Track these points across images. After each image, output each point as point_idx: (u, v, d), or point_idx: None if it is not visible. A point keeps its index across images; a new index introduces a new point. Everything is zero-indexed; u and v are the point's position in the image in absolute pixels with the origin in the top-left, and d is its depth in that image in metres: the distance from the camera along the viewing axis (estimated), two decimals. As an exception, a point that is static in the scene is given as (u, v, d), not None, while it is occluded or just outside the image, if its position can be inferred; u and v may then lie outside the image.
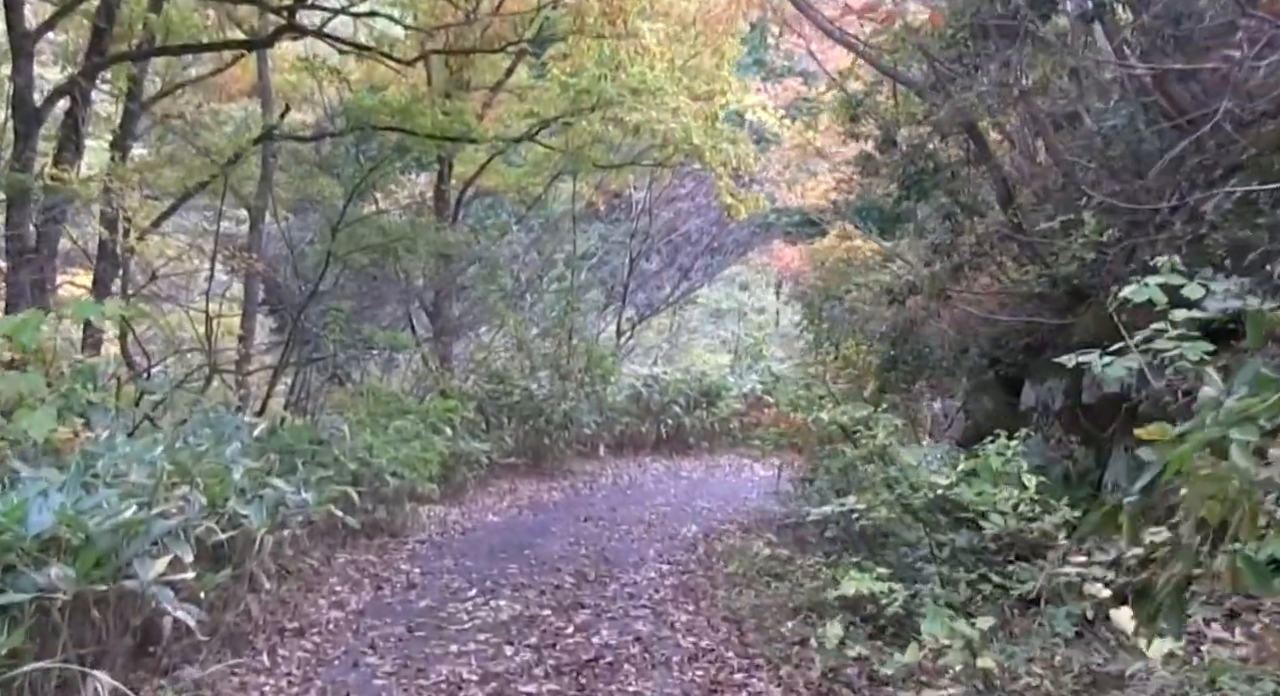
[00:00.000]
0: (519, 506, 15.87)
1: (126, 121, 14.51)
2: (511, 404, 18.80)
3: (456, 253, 18.94)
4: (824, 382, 11.98)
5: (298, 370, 17.75)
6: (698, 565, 11.67)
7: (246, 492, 8.60)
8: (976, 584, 6.96)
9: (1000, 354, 10.21)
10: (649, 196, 24.45)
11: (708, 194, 25.64)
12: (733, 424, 22.46)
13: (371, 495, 12.59)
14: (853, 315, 12.65)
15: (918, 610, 6.86)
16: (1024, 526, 6.31)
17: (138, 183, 15.74)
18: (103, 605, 6.18)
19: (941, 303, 10.79)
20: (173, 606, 6.06)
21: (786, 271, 30.16)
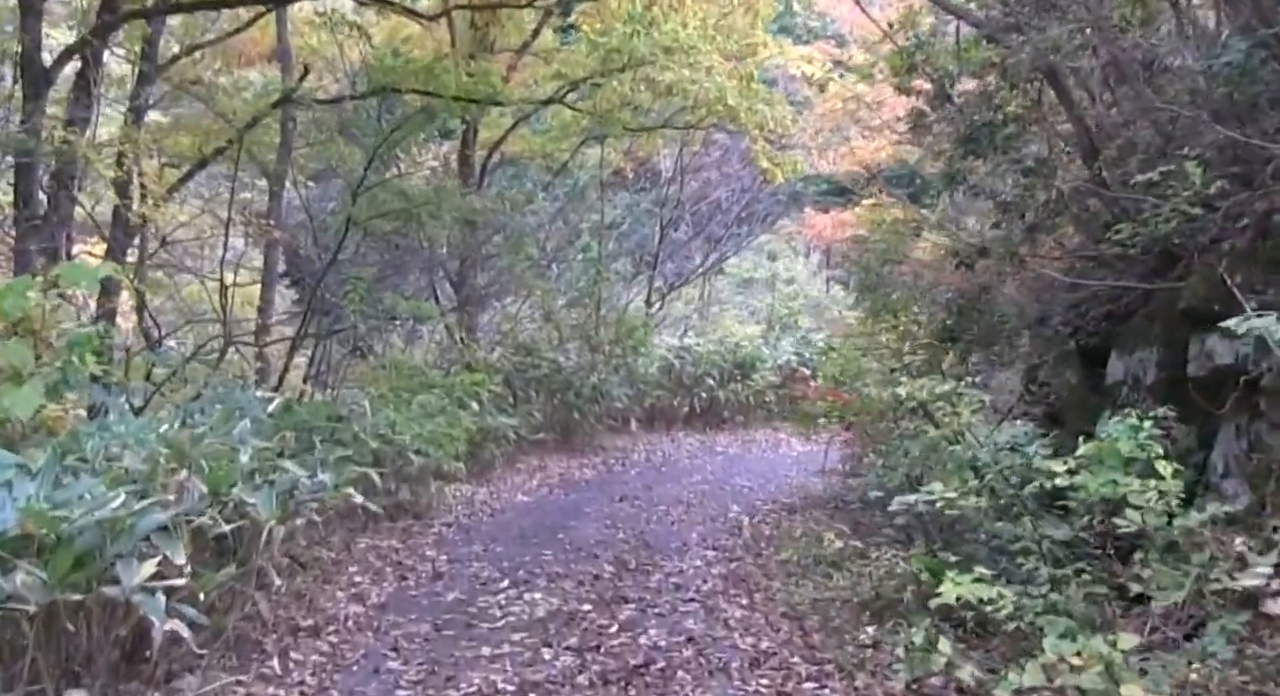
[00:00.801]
0: (549, 485, 14.93)
1: (140, 85, 13.65)
2: (539, 377, 17.84)
3: (482, 219, 17.94)
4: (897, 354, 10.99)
5: (317, 342, 16.84)
6: (745, 551, 10.71)
7: (256, 477, 7.67)
8: (1090, 586, 5.96)
9: (1080, 322, 9.18)
10: (679, 162, 23.34)
11: (740, 160, 24.62)
12: (768, 397, 21.49)
13: (394, 475, 11.68)
14: (916, 281, 11.60)
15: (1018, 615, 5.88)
16: (1165, 524, 5.29)
17: (153, 148, 14.92)
18: (82, 614, 5.25)
19: (1015, 266, 9.76)
20: (159, 618, 5.11)
21: (819, 240, 29.16)
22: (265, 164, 16.17)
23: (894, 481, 9.31)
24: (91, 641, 5.40)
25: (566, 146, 21.50)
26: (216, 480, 6.75)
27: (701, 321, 26.57)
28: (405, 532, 11.34)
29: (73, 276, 7.66)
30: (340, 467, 9.58)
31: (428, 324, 19.64)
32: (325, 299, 16.55)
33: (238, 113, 14.78)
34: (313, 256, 18.00)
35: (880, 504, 9.02)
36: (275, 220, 15.56)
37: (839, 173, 27.76)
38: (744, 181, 25.74)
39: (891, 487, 9.08)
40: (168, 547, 5.53)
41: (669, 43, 16.69)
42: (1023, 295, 9.83)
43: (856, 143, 26.42)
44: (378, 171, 16.65)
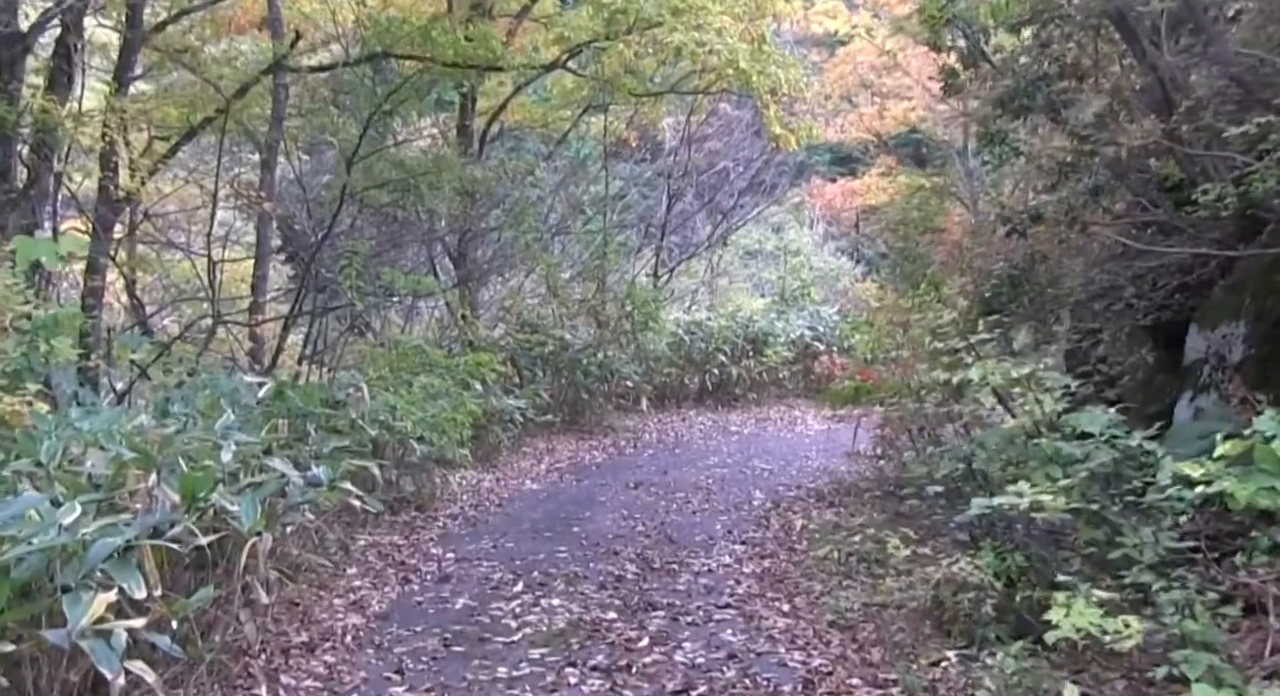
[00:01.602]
0: (558, 470, 14.00)
1: (125, 52, 12.63)
2: (545, 355, 16.90)
3: (483, 189, 16.92)
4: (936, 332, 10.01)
5: (313, 320, 15.89)
6: (777, 545, 9.78)
7: (241, 477, 6.73)
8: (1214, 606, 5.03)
9: (1152, 294, 8.23)
10: (686, 130, 22.31)
11: (745, 129, 23.64)
12: (782, 373, 20.56)
13: (395, 465, 10.74)
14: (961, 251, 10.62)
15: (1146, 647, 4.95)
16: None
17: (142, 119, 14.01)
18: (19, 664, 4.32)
19: (1079, 233, 8.79)
20: (112, 668, 4.15)
21: (827, 209, 28.21)
22: (257, 135, 15.17)
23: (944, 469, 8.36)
24: (38, 691, 4.46)
25: (568, 116, 20.54)
26: (192, 485, 5.79)
27: (710, 295, 25.59)
28: (408, 527, 10.41)
29: (28, 251, 6.70)
30: (336, 460, 8.66)
31: (427, 300, 18.70)
32: (320, 274, 15.63)
33: (227, 81, 13.79)
34: (307, 231, 17.06)
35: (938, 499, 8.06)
36: (268, 193, 14.58)
37: (847, 140, 26.86)
38: (749, 151, 24.75)
39: (942, 479, 8.13)
40: (125, 578, 4.58)
41: (677, 3, 15.68)
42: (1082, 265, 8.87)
43: (865, 109, 25.52)
44: (374, 141, 15.70)
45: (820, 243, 30.80)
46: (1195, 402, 7.82)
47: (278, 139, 14.90)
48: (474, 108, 18.68)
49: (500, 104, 19.00)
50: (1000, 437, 6.19)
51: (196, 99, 14.56)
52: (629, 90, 18.48)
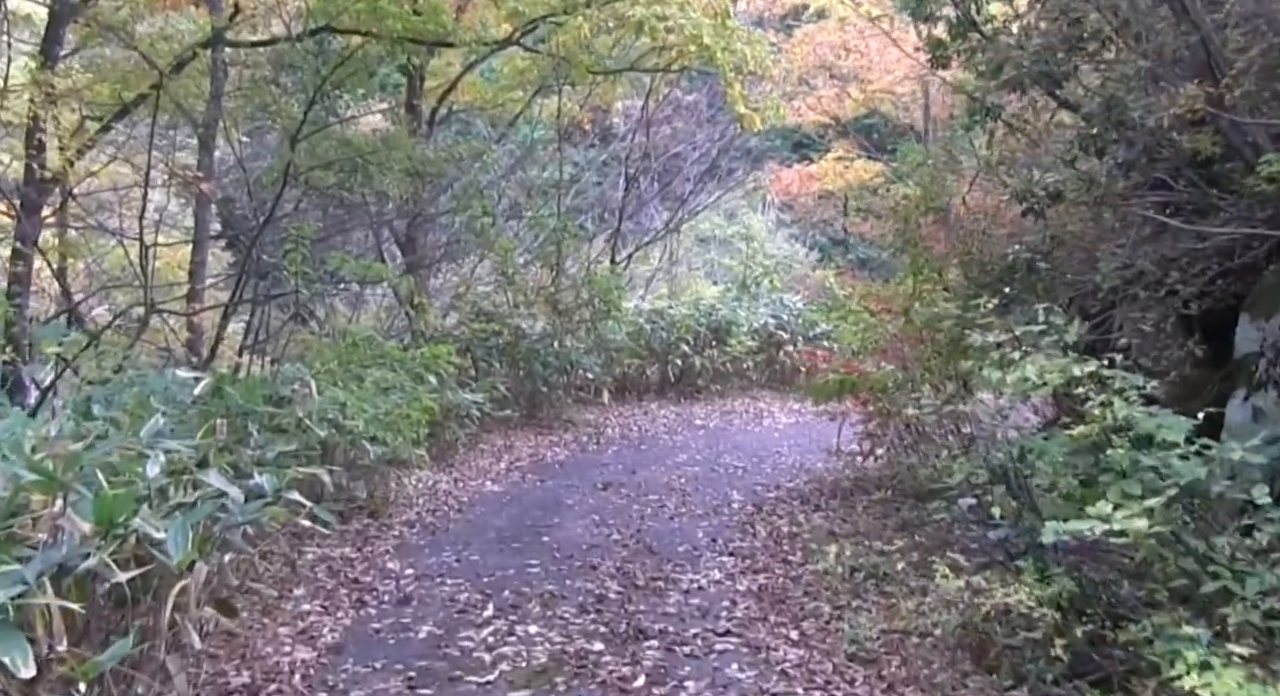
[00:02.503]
0: (519, 469, 12.97)
1: (53, 25, 11.54)
2: (501, 345, 15.83)
3: (435, 171, 15.85)
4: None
5: (254, 308, 14.78)
6: (768, 556, 8.83)
7: (171, 494, 5.69)
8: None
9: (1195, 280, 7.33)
10: (645, 110, 21.27)
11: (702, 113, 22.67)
12: (746, 364, 19.59)
13: (346, 467, 9.68)
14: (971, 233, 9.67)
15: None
16: None
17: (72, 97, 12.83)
18: None
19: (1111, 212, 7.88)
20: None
21: (785, 195, 27.31)
22: (194, 114, 14.04)
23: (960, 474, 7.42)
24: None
25: (519, 97, 19.46)
26: (109, 508, 4.75)
27: (670, 281, 24.61)
28: (360, 537, 9.35)
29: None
30: (282, 466, 7.62)
31: (373, 289, 17.63)
32: (262, 260, 14.54)
33: (162, 56, 12.70)
34: (249, 214, 15.94)
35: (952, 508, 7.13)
36: (206, 174, 13.43)
37: (805, 124, 25.94)
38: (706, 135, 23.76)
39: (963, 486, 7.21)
40: (8, 650, 3.54)
41: (640, -27, 14.72)
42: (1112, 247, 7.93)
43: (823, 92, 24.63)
44: (319, 120, 14.63)
45: (773, 229, 29.88)
46: (1251, 401, 6.94)
47: (216, 117, 13.80)
48: (422, 87, 17.63)
49: (450, 83, 17.96)
50: (1064, 446, 5.25)
51: (130, 75, 13.45)
52: (586, 68, 17.41)
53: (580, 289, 17.24)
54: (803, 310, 20.94)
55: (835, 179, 26.70)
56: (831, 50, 23.54)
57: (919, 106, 24.82)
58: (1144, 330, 7.54)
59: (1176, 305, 7.31)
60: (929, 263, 9.73)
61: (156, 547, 4.88)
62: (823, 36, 23.64)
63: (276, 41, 14.78)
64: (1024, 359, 5.74)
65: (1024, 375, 5.44)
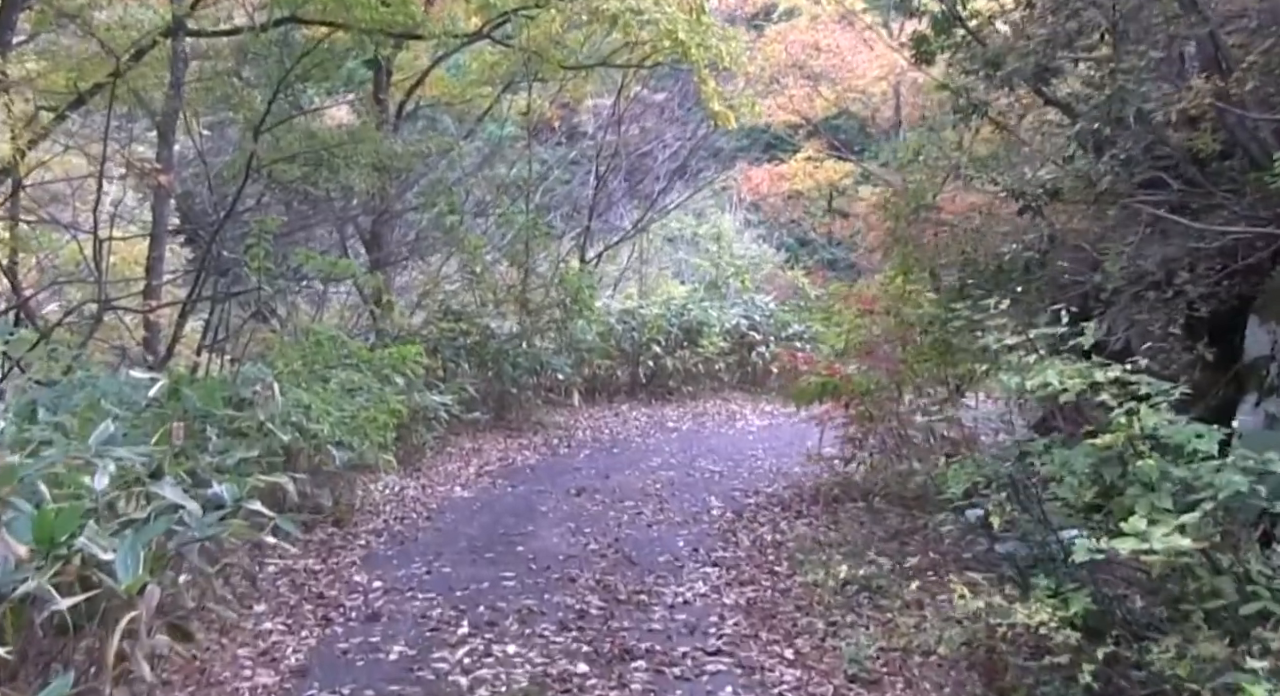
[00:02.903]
0: (489, 474, 12.50)
1: (6, 10, 11.04)
2: (469, 345, 15.34)
3: (403, 165, 15.35)
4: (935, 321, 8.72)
5: (213, 305, 14.24)
6: (754, 567, 8.41)
7: (121, 507, 5.21)
8: None
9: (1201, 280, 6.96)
10: (616, 107, 20.80)
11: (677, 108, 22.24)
12: (718, 365, 19.14)
13: (310, 473, 9.19)
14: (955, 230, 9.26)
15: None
16: None
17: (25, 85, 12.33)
18: None
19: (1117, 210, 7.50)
20: None
21: (754, 194, 26.94)
22: (153, 105, 13.51)
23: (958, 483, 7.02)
24: None
25: (488, 93, 18.96)
26: (49, 527, 4.28)
27: (639, 282, 24.15)
28: (325, 548, 8.86)
29: None
30: (242, 474, 7.16)
31: (336, 286, 17.07)
32: (222, 256, 13.98)
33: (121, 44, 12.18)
34: (209, 208, 15.40)
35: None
36: (165, 166, 12.88)
37: (774, 124, 25.57)
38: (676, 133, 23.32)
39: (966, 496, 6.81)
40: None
41: (612, -34, 14.33)
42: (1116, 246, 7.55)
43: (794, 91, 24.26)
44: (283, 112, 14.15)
45: (741, 229, 29.44)
46: (1264, 407, 6.59)
47: (176, 108, 13.23)
48: (389, 81, 17.10)
49: (418, 77, 17.46)
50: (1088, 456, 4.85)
51: (86, 63, 12.92)
52: (558, 62, 16.97)
53: (550, 288, 16.77)
54: (775, 310, 20.55)
55: (805, 179, 26.39)
56: (803, 49, 23.19)
57: (890, 106, 24.54)
58: (1151, 332, 7.16)
59: (1183, 306, 6.95)
60: (919, 261, 9.33)
61: (103, 570, 4.40)
62: (795, 35, 23.29)
63: (239, 31, 14.28)
64: (1040, 363, 5.34)
65: (1044, 380, 5.03)
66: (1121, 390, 5.03)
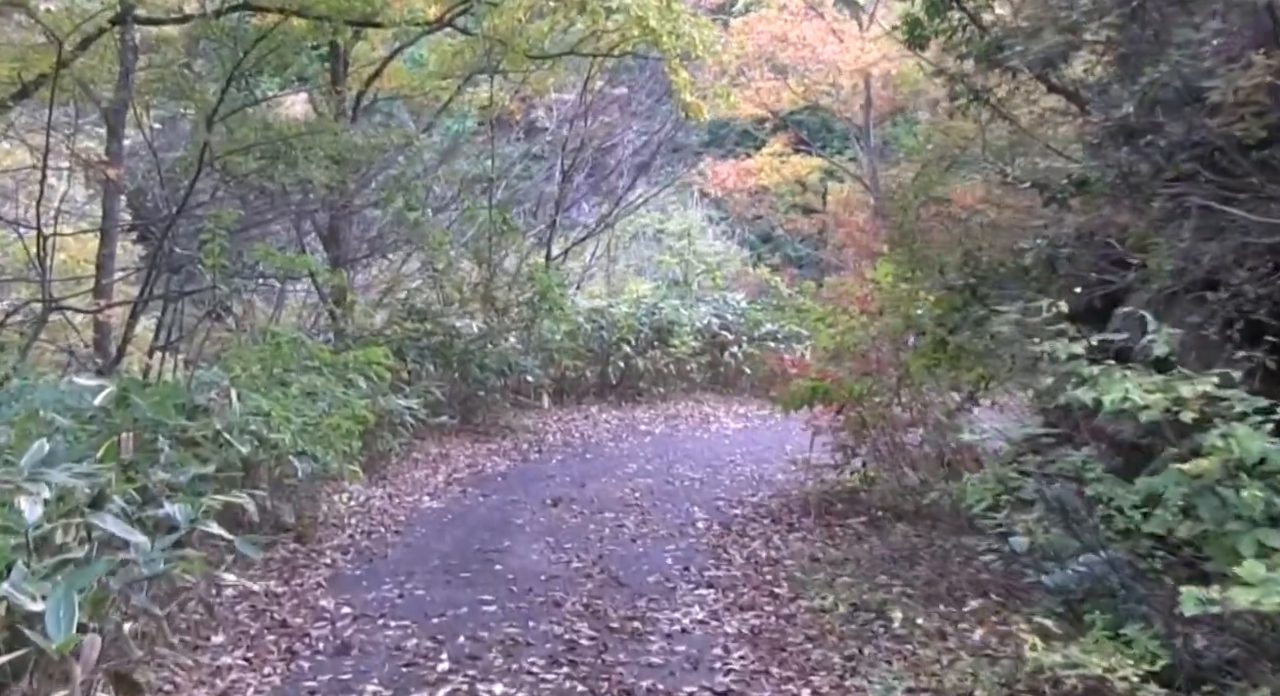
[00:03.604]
0: (459, 482, 11.80)
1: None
2: (434, 346, 14.60)
3: (364, 158, 14.59)
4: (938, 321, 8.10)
5: (166, 305, 13.47)
6: (752, 589, 7.74)
7: (54, 544, 4.49)
8: None
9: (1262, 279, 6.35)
10: (582, 100, 20.07)
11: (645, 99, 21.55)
12: (689, 366, 18.48)
13: (271, 486, 8.46)
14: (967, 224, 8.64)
15: None
16: None
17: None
18: None
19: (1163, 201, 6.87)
20: None
21: (721, 190, 26.34)
22: (101, 98, 12.73)
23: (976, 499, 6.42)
24: None
25: (448, 86, 18.18)
26: (-32, 573, 3.56)
27: (607, 280, 23.45)
28: (287, 567, 8.13)
29: None
30: (197, 493, 6.45)
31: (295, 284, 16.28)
32: (175, 252, 13.20)
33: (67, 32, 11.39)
34: (160, 204, 14.58)
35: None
36: (114, 160, 12.09)
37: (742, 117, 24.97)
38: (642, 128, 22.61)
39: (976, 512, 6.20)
40: None
41: (581, -49, 13.76)
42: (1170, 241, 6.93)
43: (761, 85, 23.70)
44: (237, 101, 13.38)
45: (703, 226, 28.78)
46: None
47: (126, 100, 12.48)
48: (346, 72, 16.32)
49: (377, 68, 16.68)
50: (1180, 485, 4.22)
51: (31, 52, 12.14)
52: (523, 51, 16.26)
53: (518, 285, 16.04)
54: (746, 309, 19.91)
55: (772, 174, 25.83)
56: (771, 40, 22.61)
57: (861, 99, 23.99)
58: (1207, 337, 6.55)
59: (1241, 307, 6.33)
60: (926, 258, 8.69)
61: (33, 623, 3.69)
62: (763, 26, 22.71)
63: (191, 19, 13.52)
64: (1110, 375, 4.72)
65: (1122, 395, 4.40)
66: (1210, 406, 4.42)
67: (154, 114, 15.54)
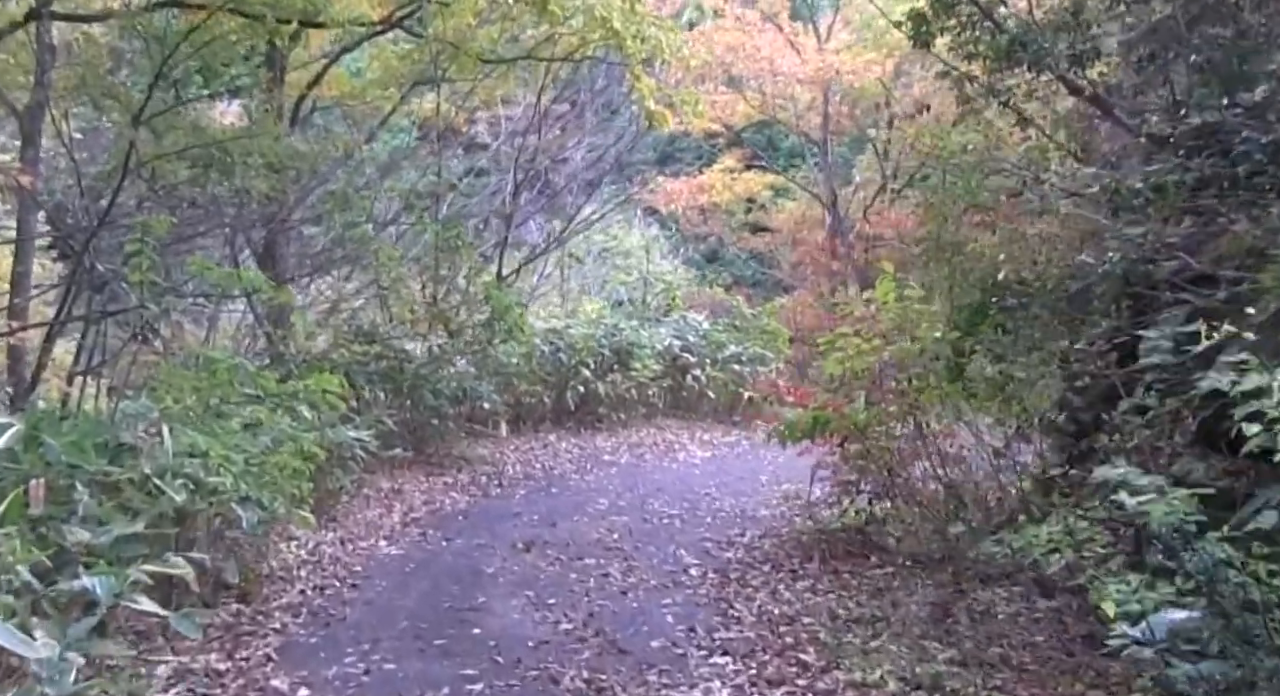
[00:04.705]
0: (417, 522, 10.58)
1: None
2: (384, 371, 13.36)
3: (306, 165, 13.35)
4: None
5: (87, 326, 12.12)
6: (774, 655, 6.61)
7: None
8: None
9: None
10: (537, 110, 18.88)
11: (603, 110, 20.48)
12: (650, 391, 17.33)
13: (212, 540, 7.24)
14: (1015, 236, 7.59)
15: None
16: None
17: None
18: None
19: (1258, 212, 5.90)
20: None
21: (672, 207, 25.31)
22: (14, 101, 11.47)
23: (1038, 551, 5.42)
24: None
25: (391, 94, 16.95)
26: None
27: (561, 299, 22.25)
28: (230, 635, 6.87)
29: None
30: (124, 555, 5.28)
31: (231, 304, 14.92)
32: (98, 269, 11.87)
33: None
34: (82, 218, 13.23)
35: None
36: (30, 169, 10.79)
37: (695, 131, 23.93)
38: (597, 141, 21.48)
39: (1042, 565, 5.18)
40: None
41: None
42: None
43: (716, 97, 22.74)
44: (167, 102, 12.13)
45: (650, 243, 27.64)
46: None
47: (43, 102, 11.20)
48: (283, 78, 15.07)
49: (317, 73, 15.46)
50: None
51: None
52: (476, 55, 15.13)
53: (471, 305, 14.82)
54: (709, 330, 18.82)
55: (724, 191, 24.89)
56: (726, 51, 21.64)
57: (817, 114, 23.11)
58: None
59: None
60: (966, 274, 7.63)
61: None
62: (718, 36, 21.72)
63: (113, 15, 12.31)
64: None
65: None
66: None
67: (74, 123, 14.26)
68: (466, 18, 14.82)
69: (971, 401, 8.05)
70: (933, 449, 8.79)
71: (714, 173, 25.06)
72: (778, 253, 26.45)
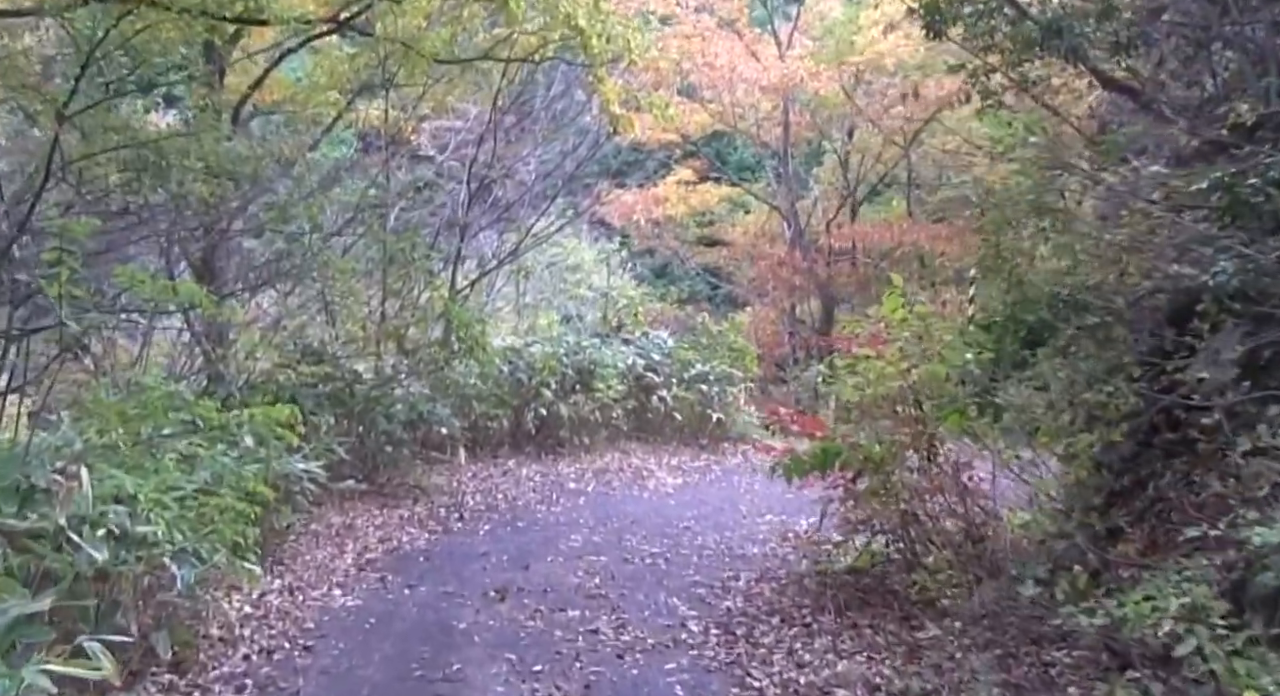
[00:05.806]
0: (374, 566, 9.34)
1: None
2: (332, 393, 12.12)
3: (249, 171, 12.09)
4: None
5: (7, 345, 10.81)
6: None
7: None
8: None
9: None
10: (494, 115, 17.65)
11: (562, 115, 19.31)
12: (615, 413, 16.14)
13: (140, 601, 6.01)
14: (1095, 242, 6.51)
15: None
16: None
17: None
18: None
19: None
20: None
21: (624, 220, 24.24)
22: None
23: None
24: None
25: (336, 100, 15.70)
26: None
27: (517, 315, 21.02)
28: (162, 721, 5.67)
29: None
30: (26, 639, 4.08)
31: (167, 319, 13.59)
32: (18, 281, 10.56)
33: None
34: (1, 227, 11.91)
35: None
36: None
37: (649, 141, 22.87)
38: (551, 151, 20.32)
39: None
40: None
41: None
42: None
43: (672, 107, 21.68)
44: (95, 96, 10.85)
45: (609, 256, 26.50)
46: None
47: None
48: (223, 81, 13.84)
49: (260, 75, 14.23)
50: None
51: None
52: (430, 55, 13.96)
53: (425, 322, 13.60)
54: (674, 348, 17.69)
55: (679, 203, 23.90)
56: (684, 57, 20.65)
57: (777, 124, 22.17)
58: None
59: None
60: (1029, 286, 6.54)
61: None
62: (673, 43, 20.68)
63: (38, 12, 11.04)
64: None
65: None
66: None
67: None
68: (418, 18, 13.79)
69: (998, 430, 7.04)
70: (960, 485, 7.77)
71: (668, 184, 24.09)
72: (734, 267, 25.45)
